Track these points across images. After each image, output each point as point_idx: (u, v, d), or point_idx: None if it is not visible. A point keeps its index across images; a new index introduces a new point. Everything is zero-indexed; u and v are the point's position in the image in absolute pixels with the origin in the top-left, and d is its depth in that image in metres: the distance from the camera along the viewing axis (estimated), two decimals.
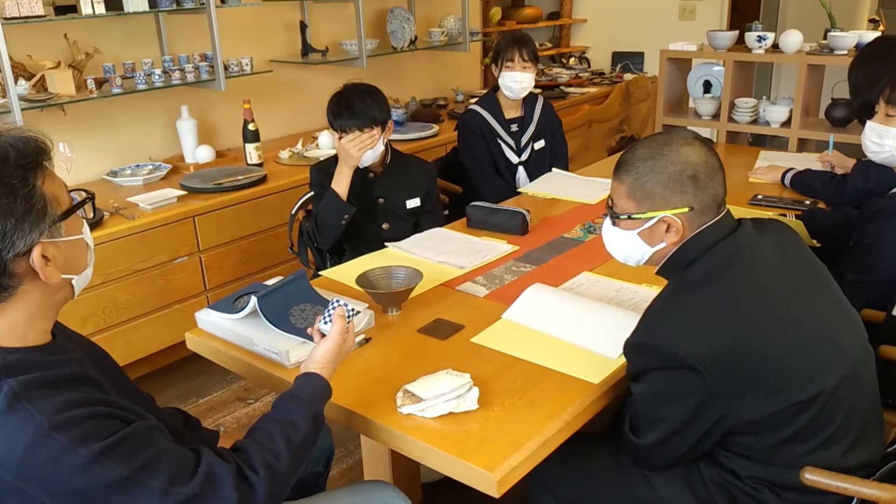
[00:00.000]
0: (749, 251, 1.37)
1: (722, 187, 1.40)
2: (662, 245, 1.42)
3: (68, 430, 0.99)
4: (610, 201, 1.49)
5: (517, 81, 2.95)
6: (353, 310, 1.43)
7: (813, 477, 1.30)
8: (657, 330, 1.34)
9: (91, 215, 1.18)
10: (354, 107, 2.32)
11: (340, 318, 1.39)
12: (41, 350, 1.10)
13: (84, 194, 1.17)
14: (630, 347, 1.39)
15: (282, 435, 1.21)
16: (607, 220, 1.51)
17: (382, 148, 2.41)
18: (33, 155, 1.06)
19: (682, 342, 1.28)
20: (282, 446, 1.19)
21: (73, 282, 1.14)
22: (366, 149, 2.32)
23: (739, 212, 1.57)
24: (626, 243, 1.48)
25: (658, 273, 1.47)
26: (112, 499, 1.01)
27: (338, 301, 1.42)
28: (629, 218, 1.43)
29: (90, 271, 1.18)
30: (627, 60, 5.59)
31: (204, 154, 3.34)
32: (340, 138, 2.34)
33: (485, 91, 3.63)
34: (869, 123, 2.18)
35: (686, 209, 1.38)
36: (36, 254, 1.05)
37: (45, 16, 2.74)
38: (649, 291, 1.86)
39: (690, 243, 1.39)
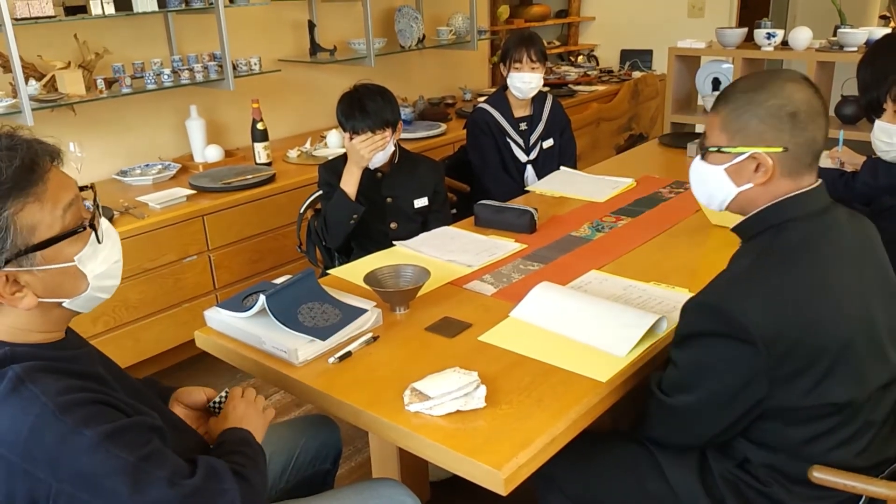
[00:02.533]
0: (838, 237, 1.32)
1: (822, 134, 1.32)
2: (749, 186, 1.35)
3: (73, 412, 0.99)
4: (702, 137, 1.43)
5: (525, 82, 2.95)
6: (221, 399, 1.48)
7: (822, 475, 1.30)
8: (732, 296, 1.27)
9: (100, 242, 1.13)
10: (367, 108, 2.31)
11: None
12: (51, 346, 1.11)
13: (88, 214, 1.11)
14: (695, 307, 1.32)
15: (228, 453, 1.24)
16: (697, 158, 1.45)
17: (393, 149, 2.41)
18: (12, 180, 1.00)
19: (754, 314, 1.23)
20: (237, 458, 1.22)
21: (66, 304, 1.11)
22: (377, 150, 2.33)
23: None
24: (711, 180, 1.40)
25: (736, 228, 1.41)
26: (118, 486, 1.00)
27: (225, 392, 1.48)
28: (719, 151, 1.37)
29: (94, 293, 1.14)
30: (636, 58, 5.58)
31: (213, 153, 3.36)
32: (351, 139, 2.34)
33: (493, 90, 3.62)
34: (878, 123, 2.17)
35: (780, 149, 1.30)
36: None
37: (55, 16, 2.76)
38: (657, 290, 1.86)
39: (782, 206, 1.33)
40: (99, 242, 1.13)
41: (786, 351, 1.24)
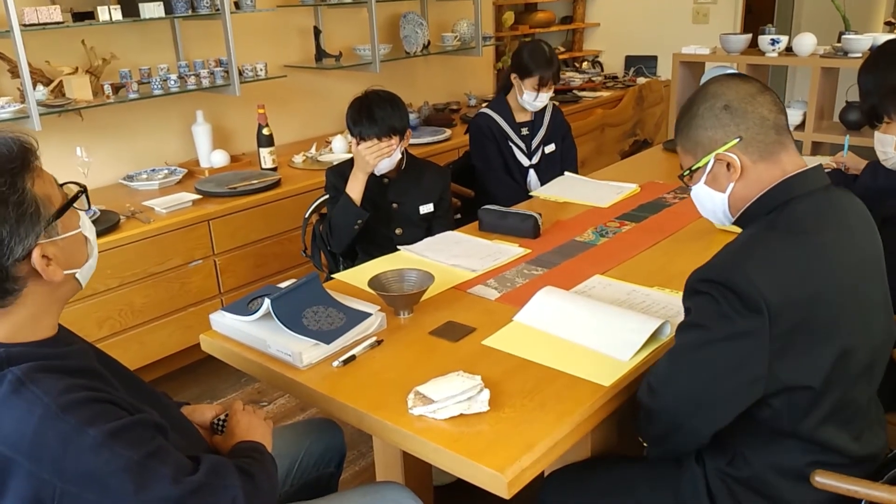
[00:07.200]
0: (840, 212, 1.34)
1: (770, 109, 1.35)
2: (731, 186, 1.39)
3: (76, 412, 1.00)
4: (680, 170, 1.49)
5: (541, 101, 3.00)
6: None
7: (823, 480, 1.30)
8: (736, 266, 1.26)
9: (87, 207, 1.18)
10: (374, 115, 2.32)
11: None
12: (44, 343, 1.11)
13: (76, 187, 1.16)
14: (695, 283, 1.32)
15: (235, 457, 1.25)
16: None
17: (399, 156, 2.42)
18: (19, 158, 1.05)
19: (761, 283, 1.22)
20: (245, 459, 1.24)
21: (77, 275, 1.15)
22: (382, 157, 2.34)
23: None
24: (703, 198, 1.46)
25: (739, 219, 1.43)
26: (124, 484, 1.01)
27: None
28: (691, 171, 1.44)
29: (94, 262, 1.19)
30: (640, 64, 5.59)
31: (219, 158, 3.38)
32: (358, 144, 2.35)
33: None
34: (876, 133, 2.17)
35: (735, 140, 1.36)
36: (36, 256, 1.06)
37: (63, 22, 2.79)
38: (661, 295, 1.86)
39: (785, 185, 1.34)
40: (89, 208, 1.17)
41: (791, 324, 1.23)
